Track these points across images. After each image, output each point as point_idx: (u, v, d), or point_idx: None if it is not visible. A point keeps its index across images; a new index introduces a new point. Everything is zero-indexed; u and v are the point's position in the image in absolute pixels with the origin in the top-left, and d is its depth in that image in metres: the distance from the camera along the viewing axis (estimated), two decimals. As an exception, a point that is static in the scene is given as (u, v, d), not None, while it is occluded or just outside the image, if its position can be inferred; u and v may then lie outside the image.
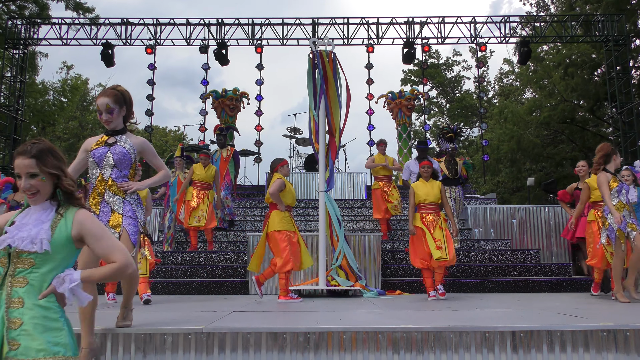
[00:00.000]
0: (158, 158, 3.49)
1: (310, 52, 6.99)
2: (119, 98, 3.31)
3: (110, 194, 3.24)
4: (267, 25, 15.68)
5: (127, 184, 3.27)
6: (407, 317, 4.14)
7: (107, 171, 3.25)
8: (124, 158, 3.27)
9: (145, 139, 3.40)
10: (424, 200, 6.13)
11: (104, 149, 3.27)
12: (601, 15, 15.76)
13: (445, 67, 31.03)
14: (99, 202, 3.22)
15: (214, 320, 3.82)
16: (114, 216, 3.18)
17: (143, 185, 3.38)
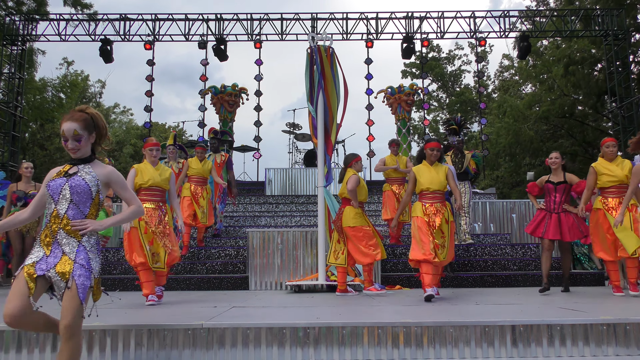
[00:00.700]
0: (129, 190, 2.94)
1: (308, 47, 6.97)
2: (88, 123, 2.77)
3: (64, 235, 2.66)
4: (265, 20, 15.64)
5: (82, 222, 2.67)
6: (406, 311, 4.14)
7: (63, 207, 2.69)
8: (82, 192, 2.71)
9: (113, 168, 2.86)
10: (427, 188, 5.34)
11: (61, 180, 2.72)
12: (601, 9, 15.72)
13: (447, 61, 30.96)
14: (51, 242, 2.66)
15: (213, 315, 3.82)
16: (63, 260, 2.61)
17: (103, 225, 2.75)
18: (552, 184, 6.16)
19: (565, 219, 6.06)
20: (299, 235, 7.23)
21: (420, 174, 5.42)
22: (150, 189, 5.23)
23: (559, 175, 6.17)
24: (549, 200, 6.20)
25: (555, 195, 6.14)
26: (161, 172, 5.32)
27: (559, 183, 6.13)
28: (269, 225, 10.00)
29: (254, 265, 7.16)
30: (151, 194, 5.24)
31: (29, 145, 22.84)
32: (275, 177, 13.02)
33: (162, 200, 5.30)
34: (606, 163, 5.75)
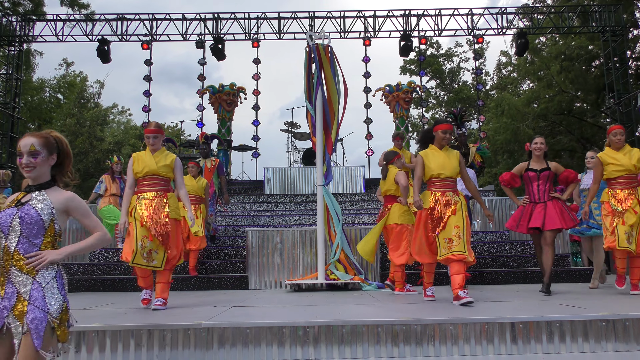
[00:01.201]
0: (92, 217, 2.53)
1: (306, 45, 6.97)
2: (50, 142, 2.45)
3: (17, 272, 2.30)
4: (263, 19, 15.63)
5: (38, 255, 2.31)
6: (406, 309, 4.14)
7: (13, 241, 2.32)
8: (32, 222, 2.35)
9: (73, 194, 2.54)
10: (438, 174, 4.74)
11: (11, 210, 2.38)
12: (598, 5, 15.72)
13: (445, 58, 30.95)
14: (4, 282, 2.30)
15: (213, 315, 3.82)
16: (19, 303, 2.25)
17: (61, 254, 2.35)
18: (535, 171, 5.49)
19: (553, 206, 5.39)
20: (298, 234, 7.23)
21: (429, 159, 4.80)
22: (147, 177, 4.73)
23: (542, 163, 5.53)
24: (532, 191, 5.51)
25: (539, 183, 5.47)
26: (160, 159, 4.78)
27: (542, 170, 5.48)
28: (268, 224, 10.00)
29: (254, 265, 7.16)
30: (148, 184, 4.74)
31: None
32: (274, 176, 13.02)
33: (163, 189, 4.75)
34: (613, 152, 5.39)
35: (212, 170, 8.61)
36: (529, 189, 5.54)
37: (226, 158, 14.76)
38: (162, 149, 4.87)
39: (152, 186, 4.72)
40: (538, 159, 5.52)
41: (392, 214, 5.95)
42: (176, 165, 4.82)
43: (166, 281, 4.73)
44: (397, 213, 5.92)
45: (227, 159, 14.83)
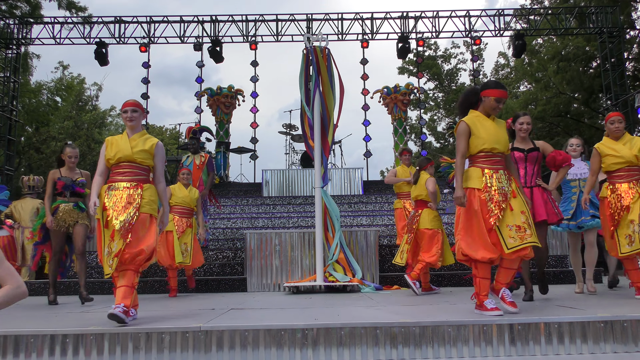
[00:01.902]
0: (2, 267, 2.25)
1: (304, 48, 6.98)
2: None
3: None
4: (261, 21, 15.65)
5: None
6: (405, 311, 4.13)
7: None
8: None
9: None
10: (492, 148, 3.79)
11: None
12: (595, 7, 15.77)
13: (443, 59, 30.99)
14: None
15: (211, 318, 3.81)
16: None
17: None
18: (522, 151, 4.81)
19: (539, 195, 4.73)
20: (297, 237, 7.23)
21: (477, 127, 3.81)
22: (121, 165, 3.89)
23: (528, 142, 4.88)
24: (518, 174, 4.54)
25: (526, 165, 4.80)
26: (138, 143, 3.91)
27: (530, 150, 4.81)
28: (266, 226, 10.00)
29: (252, 267, 7.15)
30: (122, 172, 3.90)
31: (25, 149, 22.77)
32: (272, 179, 13.01)
33: (138, 180, 3.89)
34: (611, 142, 4.87)
35: (201, 167, 8.10)
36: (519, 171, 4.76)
37: (224, 160, 14.77)
38: (142, 132, 4.03)
39: (126, 175, 3.86)
40: (523, 140, 4.89)
41: (423, 219, 6.01)
42: (157, 151, 3.95)
43: (129, 284, 3.73)
44: (428, 218, 5.99)
45: (225, 161, 14.84)
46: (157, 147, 3.97)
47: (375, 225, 9.74)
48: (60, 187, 5.79)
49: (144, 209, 3.80)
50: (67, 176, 5.86)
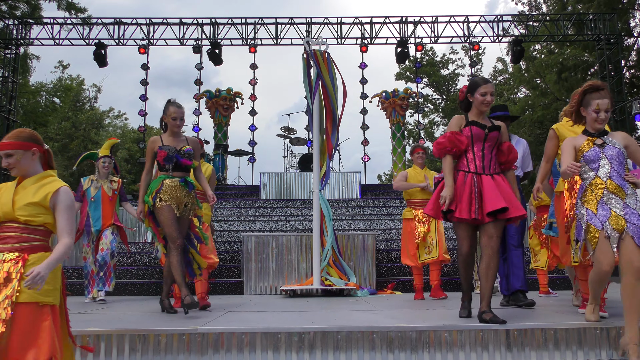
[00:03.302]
0: None
1: (304, 51, 6.99)
2: None
3: None
4: (260, 25, 15.68)
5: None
6: (401, 316, 4.14)
7: None
8: None
9: None
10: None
11: None
12: (593, 14, 15.85)
13: (441, 65, 31.09)
14: None
15: (208, 320, 3.81)
16: None
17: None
18: (482, 127, 3.68)
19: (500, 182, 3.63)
20: (294, 240, 7.23)
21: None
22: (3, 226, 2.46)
23: (487, 120, 3.79)
24: (474, 157, 3.65)
25: (484, 146, 3.67)
26: (25, 194, 2.47)
27: (491, 130, 3.69)
28: (263, 229, 9.99)
29: (249, 270, 7.15)
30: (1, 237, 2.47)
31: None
32: (270, 182, 13.02)
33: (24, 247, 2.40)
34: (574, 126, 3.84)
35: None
36: (469, 154, 3.68)
37: (222, 163, 14.78)
38: (39, 175, 2.56)
39: (5, 241, 2.43)
40: (482, 115, 3.76)
41: None
42: (58, 201, 2.48)
43: None
44: None
45: (223, 164, 14.84)
46: (57, 195, 2.49)
47: (372, 229, 9.74)
48: (162, 158, 4.44)
49: (24, 296, 2.33)
50: (169, 144, 4.50)
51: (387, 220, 10.21)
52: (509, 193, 3.58)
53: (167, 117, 4.55)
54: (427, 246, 5.83)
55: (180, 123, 4.57)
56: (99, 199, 6.16)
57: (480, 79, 3.80)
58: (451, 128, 3.73)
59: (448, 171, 3.63)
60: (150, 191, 4.44)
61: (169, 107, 4.57)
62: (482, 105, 3.72)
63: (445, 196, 3.55)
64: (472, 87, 3.78)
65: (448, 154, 3.66)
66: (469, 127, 3.69)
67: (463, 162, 3.69)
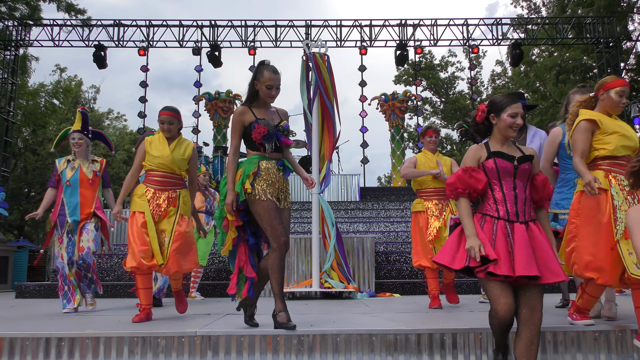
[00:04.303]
0: None
1: (303, 54, 7.00)
2: None
3: None
4: (260, 27, 15.70)
5: None
6: (401, 318, 4.14)
7: None
8: None
9: None
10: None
11: None
12: (592, 17, 15.89)
13: (440, 68, 31.16)
14: None
15: (207, 323, 3.81)
16: None
17: None
18: (509, 159, 2.90)
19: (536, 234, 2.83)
20: (293, 242, 7.22)
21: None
22: None
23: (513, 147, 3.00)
24: (503, 197, 2.87)
25: (515, 182, 2.89)
26: None
27: (522, 160, 2.92)
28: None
29: (248, 272, 7.13)
30: None
31: (21, 151, 22.74)
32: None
33: None
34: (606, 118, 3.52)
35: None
36: (497, 193, 2.89)
37: (221, 165, 14.77)
38: None
39: None
40: (507, 141, 3.00)
41: None
42: None
43: None
44: None
45: (222, 166, 14.84)
46: None
47: (371, 231, 9.75)
48: (260, 135, 3.46)
49: None
50: (265, 118, 3.55)
51: (386, 223, 10.22)
52: (546, 250, 2.79)
53: (260, 84, 3.55)
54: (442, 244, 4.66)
55: (276, 93, 3.63)
56: (76, 182, 5.07)
57: (507, 97, 3.00)
58: (466, 163, 2.96)
59: (465, 215, 2.85)
60: (244, 174, 3.43)
61: (263, 71, 3.56)
62: (510, 130, 2.94)
63: (474, 247, 2.72)
64: (498, 107, 2.97)
65: (461, 197, 2.89)
66: (492, 160, 2.91)
67: (489, 203, 2.90)
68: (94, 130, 5.48)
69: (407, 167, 5.24)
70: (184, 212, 4.20)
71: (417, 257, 5.16)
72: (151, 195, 4.13)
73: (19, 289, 7.57)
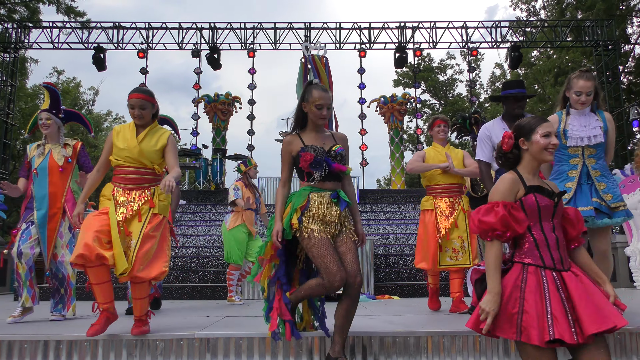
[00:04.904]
0: None
1: (302, 56, 7.02)
2: None
3: None
4: (259, 29, 15.72)
5: None
6: (399, 321, 4.14)
7: None
8: None
9: None
10: None
11: None
12: (591, 20, 15.93)
13: (439, 71, 31.21)
14: None
15: (206, 325, 3.80)
16: None
17: None
18: (549, 196, 2.44)
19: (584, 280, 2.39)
20: (292, 244, 7.21)
21: None
22: None
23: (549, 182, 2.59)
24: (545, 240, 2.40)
25: (553, 223, 2.45)
26: None
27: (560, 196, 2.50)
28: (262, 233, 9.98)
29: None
30: None
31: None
32: (269, 186, 13.02)
33: None
34: None
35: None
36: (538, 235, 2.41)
37: (220, 167, 14.79)
38: None
39: None
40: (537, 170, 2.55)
41: None
42: None
43: None
44: None
45: (221, 168, 14.85)
46: None
47: (370, 234, 9.75)
48: (307, 164, 3.05)
49: None
50: (315, 144, 3.12)
51: (385, 225, 10.21)
52: (600, 296, 2.35)
53: (309, 104, 3.12)
54: (451, 247, 4.56)
55: (327, 113, 3.15)
56: (44, 170, 4.44)
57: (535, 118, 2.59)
58: (504, 196, 2.40)
59: (495, 267, 2.34)
60: (292, 209, 3.07)
61: (311, 90, 3.14)
62: (546, 153, 2.47)
63: (487, 310, 2.30)
64: (526, 129, 2.53)
65: (497, 240, 2.36)
66: (532, 196, 2.40)
67: (529, 249, 2.38)
68: (67, 109, 4.80)
69: (414, 160, 4.84)
70: (159, 210, 3.41)
71: (418, 257, 4.89)
72: (120, 196, 3.37)
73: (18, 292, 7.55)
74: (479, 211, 2.40)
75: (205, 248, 8.75)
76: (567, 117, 3.65)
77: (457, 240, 4.55)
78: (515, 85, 4.14)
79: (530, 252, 2.38)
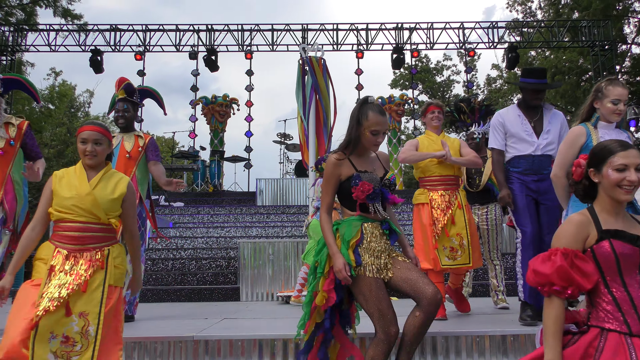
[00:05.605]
0: None
1: (300, 58, 7.01)
2: None
3: None
4: (256, 31, 15.72)
5: None
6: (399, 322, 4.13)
7: None
8: None
9: None
10: None
11: None
12: (588, 20, 15.97)
13: (436, 72, 31.24)
14: None
15: (204, 327, 3.79)
16: None
17: None
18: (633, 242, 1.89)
19: None
20: (290, 246, 7.22)
21: None
22: None
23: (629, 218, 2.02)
24: (630, 299, 1.86)
25: (638, 276, 1.91)
26: None
27: None
28: (260, 235, 9.98)
29: (245, 276, 7.13)
30: None
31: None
32: (266, 188, 13.01)
33: None
34: None
35: (136, 155, 4.40)
36: (618, 292, 1.90)
37: (218, 169, 14.78)
38: None
39: None
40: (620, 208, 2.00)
41: None
42: None
43: None
44: None
45: (219, 170, 14.85)
46: None
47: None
48: (365, 195, 2.64)
49: None
50: (368, 171, 2.74)
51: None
52: None
53: (365, 128, 2.70)
54: (449, 246, 4.12)
55: (382, 139, 2.76)
56: None
57: (613, 142, 2.02)
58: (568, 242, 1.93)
59: (552, 331, 1.88)
60: (344, 242, 2.63)
61: (367, 112, 2.71)
62: (619, 191, 1.95)
63: None
64: (597, 158, 2.02)
65: (557, 297, 1.89)
66: (607, 243, 1.90)
67: (608, 310, 1.89)
68: (5, 77, 4.05)
69: (406, 149, 4.36)
70: (114, 281, 2.64)
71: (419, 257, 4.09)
72: (62, 261, 2.59)
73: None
74: (537, 259, 1.93)
75: (204, 250, 8.74)
76: (595, 130, 3.22)
77: (456, 238, 4.10)
78: (537, 74, 3.78)
79: (611, 315, 1.86)
